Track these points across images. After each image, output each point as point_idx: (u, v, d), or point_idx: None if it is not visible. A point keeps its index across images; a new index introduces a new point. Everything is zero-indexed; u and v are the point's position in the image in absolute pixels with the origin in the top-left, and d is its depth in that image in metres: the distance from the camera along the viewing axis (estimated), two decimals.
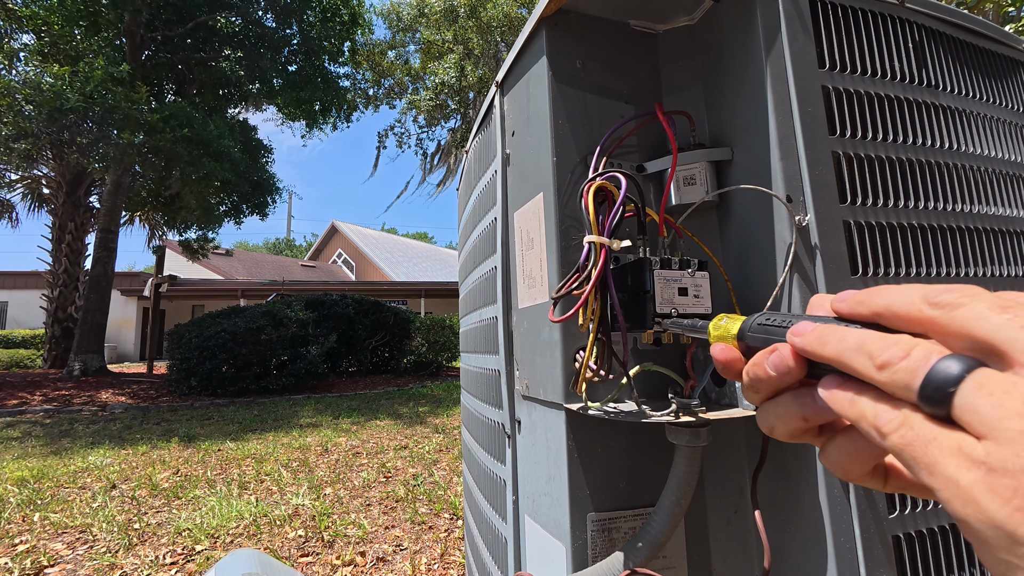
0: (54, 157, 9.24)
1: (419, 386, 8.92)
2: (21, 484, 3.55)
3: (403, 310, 10.67)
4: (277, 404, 7.17)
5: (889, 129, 0.64)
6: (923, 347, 0.22)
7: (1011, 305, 0.21)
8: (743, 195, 0.63)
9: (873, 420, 0.23)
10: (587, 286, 0.54)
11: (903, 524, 0.55)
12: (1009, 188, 0.73)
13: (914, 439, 0.21)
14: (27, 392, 7.81)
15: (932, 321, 0.23)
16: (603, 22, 0.69)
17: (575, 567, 0.58)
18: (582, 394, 0.58)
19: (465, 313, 1.28)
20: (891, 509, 0.55)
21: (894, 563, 0.52)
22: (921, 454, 0.21)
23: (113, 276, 10.46)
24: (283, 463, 4.06)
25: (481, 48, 16.24)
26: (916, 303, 0.23)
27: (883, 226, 0.61)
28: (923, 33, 0.70)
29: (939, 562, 0.57)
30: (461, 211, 1.33)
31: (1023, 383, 0.19)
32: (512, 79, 0.80)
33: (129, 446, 4.73)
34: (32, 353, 13.42)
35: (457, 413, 6.23)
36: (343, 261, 27.72)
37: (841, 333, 0.25)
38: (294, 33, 11.47)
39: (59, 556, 2.44)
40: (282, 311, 8.19)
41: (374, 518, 2.89)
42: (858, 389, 0.24)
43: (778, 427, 0.30)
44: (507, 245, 0.82)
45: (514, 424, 0.78)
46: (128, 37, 9.66)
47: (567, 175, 0.64)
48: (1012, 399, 0.18)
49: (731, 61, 0.64)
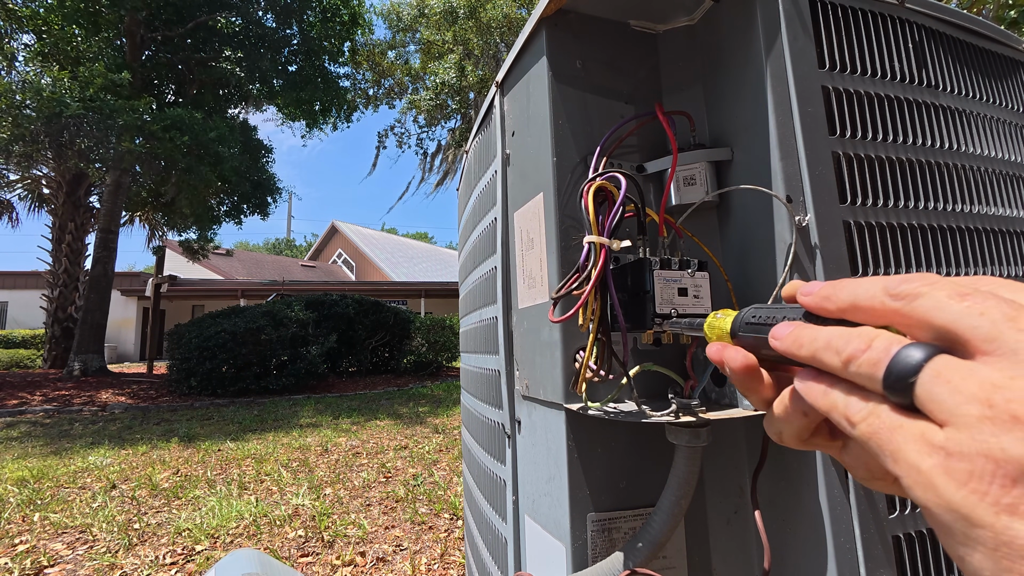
0: (54, 158, 9.24)
1: (419, 386, 8.92)
2: (21, 484, 3.55)
3: (403, 310, 10.66)
4: (277, 404, 7.17)
5: (889, 129, 0.64)
6: (883, 338, 0.22)
7: (969, 292, 0.21)
8: (743, 195, 0.63)
9: (844, 411, 0.23)
10: (587, 286, 0.54)
11: (903, 524, 0.55)
12: (1009, 188, 0.73)
13: (880, 427, 0.21)
14: (27, 392, 7.81)
15: (895, 312, 0.23)
16: (603, 22, 0.69)
17: (575, 567, 0.58)
18: (582, 394, 0.58)
19: (465, 313, 1.28)
20: (891, 509, 0.55)
21: (894, 563, 0.52)
22: (886, 442, 0.21)
23: (113, 276, 10.46)
24: (283, 463, 4.06)
25: (481, 49, 16.25)
26: (878, 296, 0.24)
27: (883, 226, 0.61)
28: (923, 33, 0.70)
29: (939, 562, 0.57)
30: (461, 211, 1.33)
31: (980, 368, 0.19)
32: (512, 79, 0.80)
33: (129, 446, 4.73)
34: (32, 353, 13.41)
35: (457, 413, 6.23)
36: (343, 261, 27.72)
37: (812, 333, 0.26)
38: (294, 33, 11.47)
39: (59, 556, 2.44)
40: (282, 311, 8.19)
41: (374, 518, 2.89)
42: (831, 382, 0.24)
43: (785, 429, 0.29)
44: (507, 245, 0.82)
45: (514, 424, 0.78)
46: (128, 37, 9.66)
47: (567, 175, 0.64)
48: (969, 384, 0.19)
49: (731, 61, 0.64)
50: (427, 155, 19.70)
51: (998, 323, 0.19)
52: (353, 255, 26.70)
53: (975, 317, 0.20)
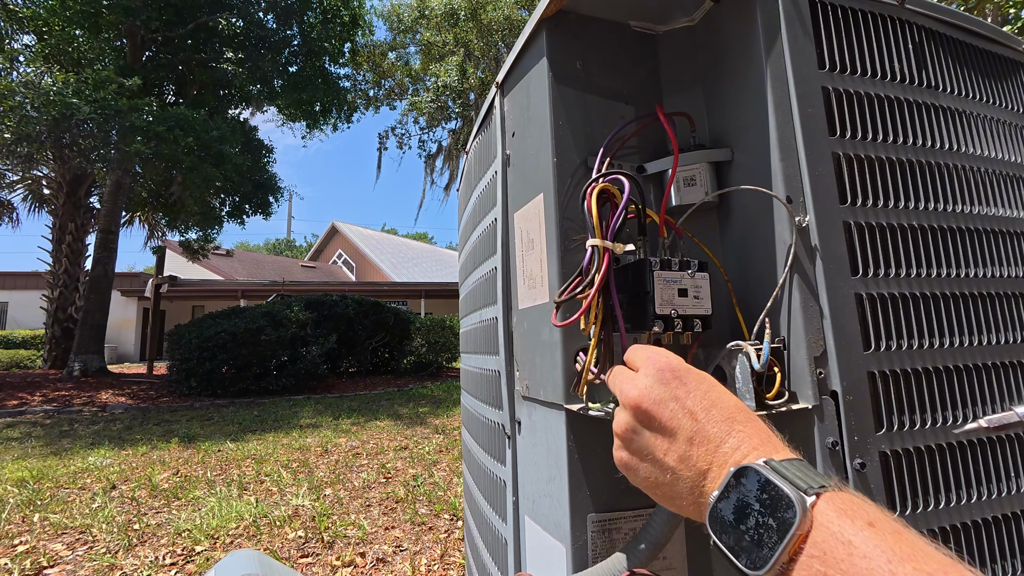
0: (55, 158, 9.25)
1: (419, 387, 8.91)
2: (21, 485, 3.55)
3: (403, 311, 10.66)
4: (277, 405, 7.17)
5: (889, 130, 0.64)
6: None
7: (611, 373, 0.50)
8: (743, 196, 0.63)
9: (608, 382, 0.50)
10: (591, 290, 0.54)
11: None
12: (1009, 189, 0.73)
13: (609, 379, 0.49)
14: (27, 392, 7.81)
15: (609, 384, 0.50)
16: (603, 23, 0.69)
17: (575, 568, 0.58)
18: (583, 396, 0.58)
19: (465, 314, 1.28)
20: (891, 509, 0.55)
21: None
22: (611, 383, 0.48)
23: (113, 277, 10.46)
24: (283, 464, 4.06)
25: (482, 50, 16.26)
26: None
27: (883, 227, 0.61)
28: (923, 34, 0.71)
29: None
30: (461, 212, 1.33)
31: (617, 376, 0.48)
32: (512, 80, 0.80)
33: (129, 447, 4.73)
34: (32, 354, 13.41)
35: (457, 414, 6.23)
36: (343, 262, 27.72)
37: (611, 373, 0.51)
38: (295, 34, 11.48)
39: (59, 557, 2.44)
40: (282, 312, 8.19)
41: (374, 519, 2.89)
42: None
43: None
44: (507, 246, 0.82)
45: (514, 425, 0.78)
46: (129, 39, 9.67)
47: (567, 176, 0.64)
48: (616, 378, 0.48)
49: (731, 62, 0.64)
50: (431, 157, 19.70)
51: (610, 385, 0.48)
52: (353, 255, 26.70)
53: (610, 384, 0.48)
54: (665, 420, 0.39)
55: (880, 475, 0.55)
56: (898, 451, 0.57)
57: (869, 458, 0.54)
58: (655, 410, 0.40)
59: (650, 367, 0.42)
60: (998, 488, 0.62)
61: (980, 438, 0.62)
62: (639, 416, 0.41)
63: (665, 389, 0.40)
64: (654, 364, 0.42)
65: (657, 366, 0.42)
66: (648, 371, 0.42)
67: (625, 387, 0.43)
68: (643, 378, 0.42)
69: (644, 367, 0.43)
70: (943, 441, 0.60)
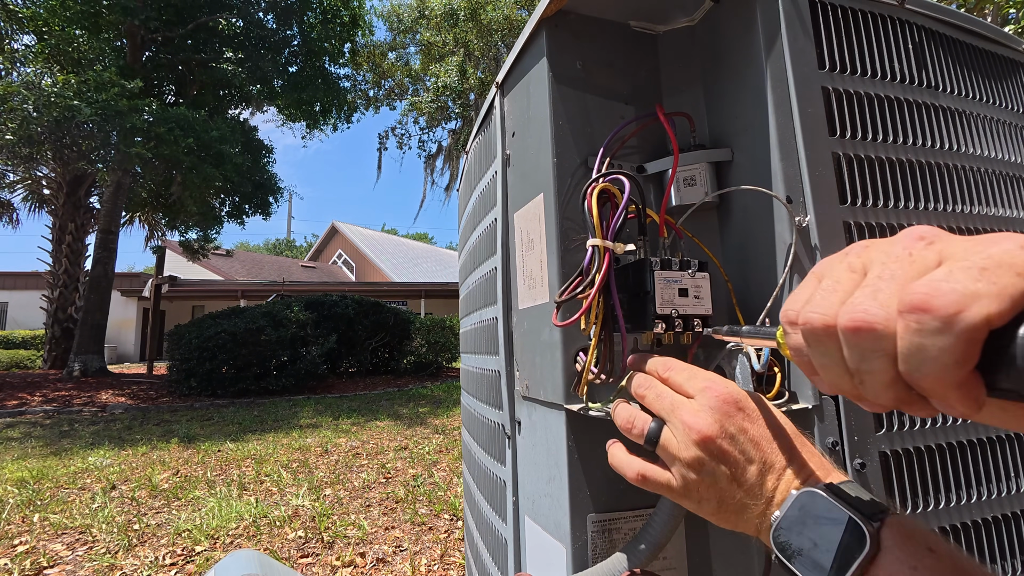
0: (54, 159, 9.24)
1: (419, 387, 8.91)
2: (21, 485, 3.55)
3: (403, 311, 10.66)
4: (277, 405, 7.16)
5: (889, 130, 0.64)
6: (640, 418, 0.47)
7: (645, 387, 0.48)
8: (743, 196, 0.63)
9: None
10: (591, 291, 0.54)
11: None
12: (1009, 189, 0.73)
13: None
14: (27, 393, 7.81)
15: (643, 399, 0.48)
16: (603, 23, 0.69)
17: (575, 568, 0.58)
18: (583, 396, 0.58)
19: (465, 314, 1.28)
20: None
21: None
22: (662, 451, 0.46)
23: (113, 277, 10.46)
24: (283, 464, 4.06)
25: (482, 50, 16.26)
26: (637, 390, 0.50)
27: (883, 227, 0.61)
28: (923, 34, 0.71)
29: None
30: (461, 212, 1.33)
31: (669, 435, 0.44)
32: (512, 80, 0.80)
33: (129, 447, 4.73)
34: (32, 354, 13.41)
35: (457, 414, 6.23)
36: (343, 262, 27.72)
37: (615, 408, 0.52)
38: (294, 34, 11.48)
39: (59, 557, 2.44)
40: (282, 312, 8.19)
41: (374, 519, 2.89)
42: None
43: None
44: (507, 246, 0.82)
45: (514, 425, 0.78)
46: (129, 39, 9.67)
47: (567, 176, 0.64)
48: (674, 445, 0.43)
49: (731, 62, 0.64)
50: (431, 157, 19.70)
51: (654, 405, 0.46)
52: (353, 256, 26.70)
53: (653, 404, 0.46)
54: (736, 454, 0.39)
55: (880, 475, 0.55)
56: (898, 451, 0.57)
57: (869, 458, 0.54)
58: (727, 445, 0.39)
59: (712, 398, 0.41)
60: (998, 488, 0.62)
61: (980, 438, 0.62)
62: (708, 449, 0.40)
63: (732, 423, 0.40)
64: (715, 395, 0.41)
65: (720, 397, 0.41)
66: (710, 403, 0.41)
67: (687, 418, 0.41)
68: (707, 411, 0.41)
69: (703, 397, 0.42)
70: (943, 441, 0.60)
